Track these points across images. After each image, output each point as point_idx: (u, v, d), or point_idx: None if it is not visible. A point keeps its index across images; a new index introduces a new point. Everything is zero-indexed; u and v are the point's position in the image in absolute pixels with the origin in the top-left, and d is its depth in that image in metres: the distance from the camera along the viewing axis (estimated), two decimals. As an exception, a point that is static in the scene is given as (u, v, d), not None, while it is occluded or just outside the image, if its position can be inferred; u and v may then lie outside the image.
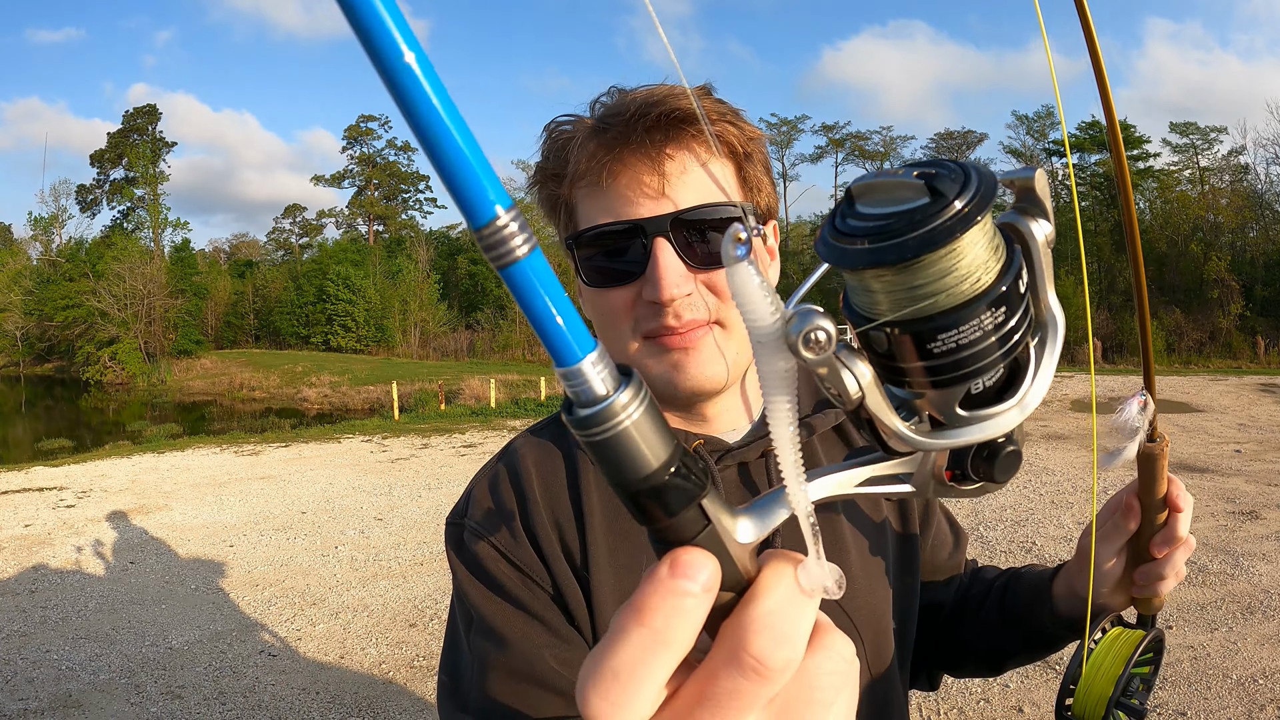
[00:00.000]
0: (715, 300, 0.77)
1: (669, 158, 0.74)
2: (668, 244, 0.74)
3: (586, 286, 0.81)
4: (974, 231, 0.30)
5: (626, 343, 0.80)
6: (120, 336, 39.42)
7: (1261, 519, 6.77)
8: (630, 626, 0.27)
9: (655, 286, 0.74)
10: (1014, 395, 0.34)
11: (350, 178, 57.42)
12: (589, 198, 0.78)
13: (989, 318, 0.31)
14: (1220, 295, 32.77)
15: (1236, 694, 3.85)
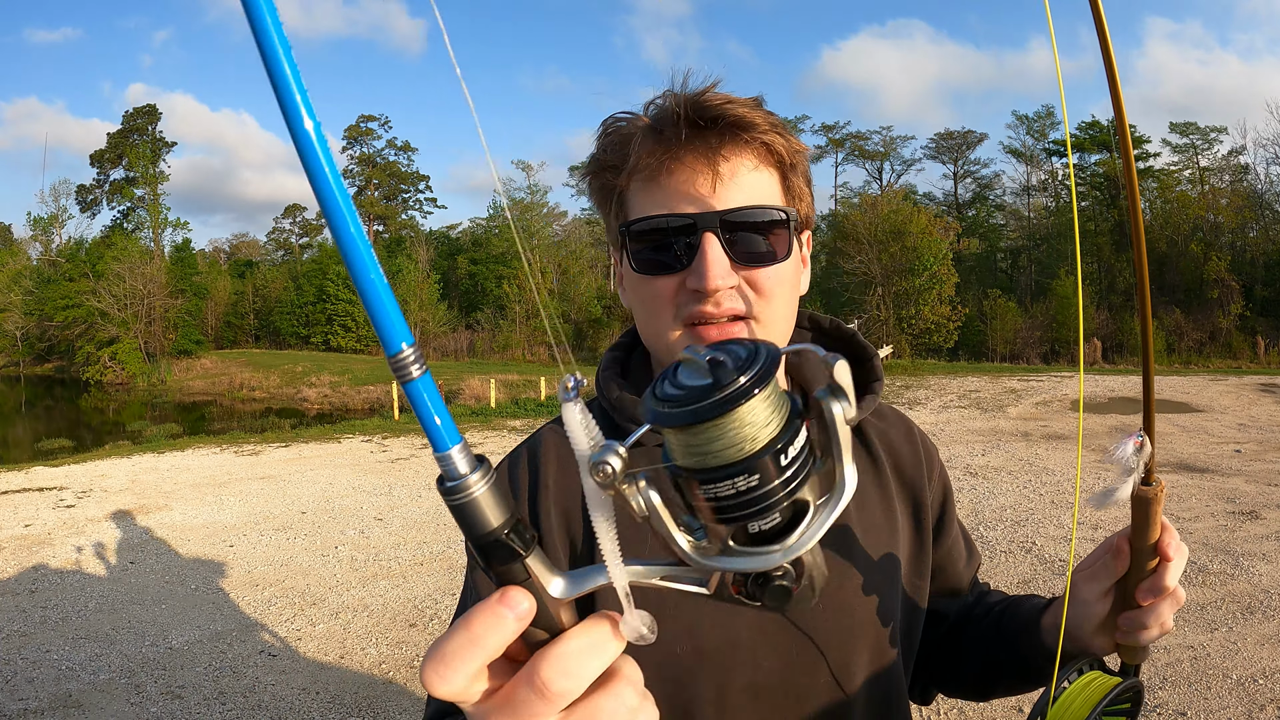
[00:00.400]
0: (754, 295, 0.82)
1: (723, 160, 0.80)
2: (715, 239, 0.80)
3: (634, 273, 0.85)
4: (744, 409, 0.38)
5: (668, 330, 0.84)
6: (120, 336, 39.40)
7: (1261, 519, 6.77)
8: (460, 627, 0.40)
9: (701, 276, 0.79)
10: (783, 540, 0.41)
11: (350, 178, 57.44)
12: (644, 191, 0.83)
13: (760, 475, 0.39)
14: (1220, 295, 32.77)
15: (1236, 694, 3.85)
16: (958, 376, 22.43)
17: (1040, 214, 45.67)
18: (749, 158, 0.81)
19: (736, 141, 0.80)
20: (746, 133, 0.80)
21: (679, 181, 0.80)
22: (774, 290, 0.83)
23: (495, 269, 44.85)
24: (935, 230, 31.25)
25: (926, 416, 14.06)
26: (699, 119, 0.79)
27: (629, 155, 0.83)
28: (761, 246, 0.82)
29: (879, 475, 0.95)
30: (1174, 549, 0.80)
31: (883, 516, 0.93)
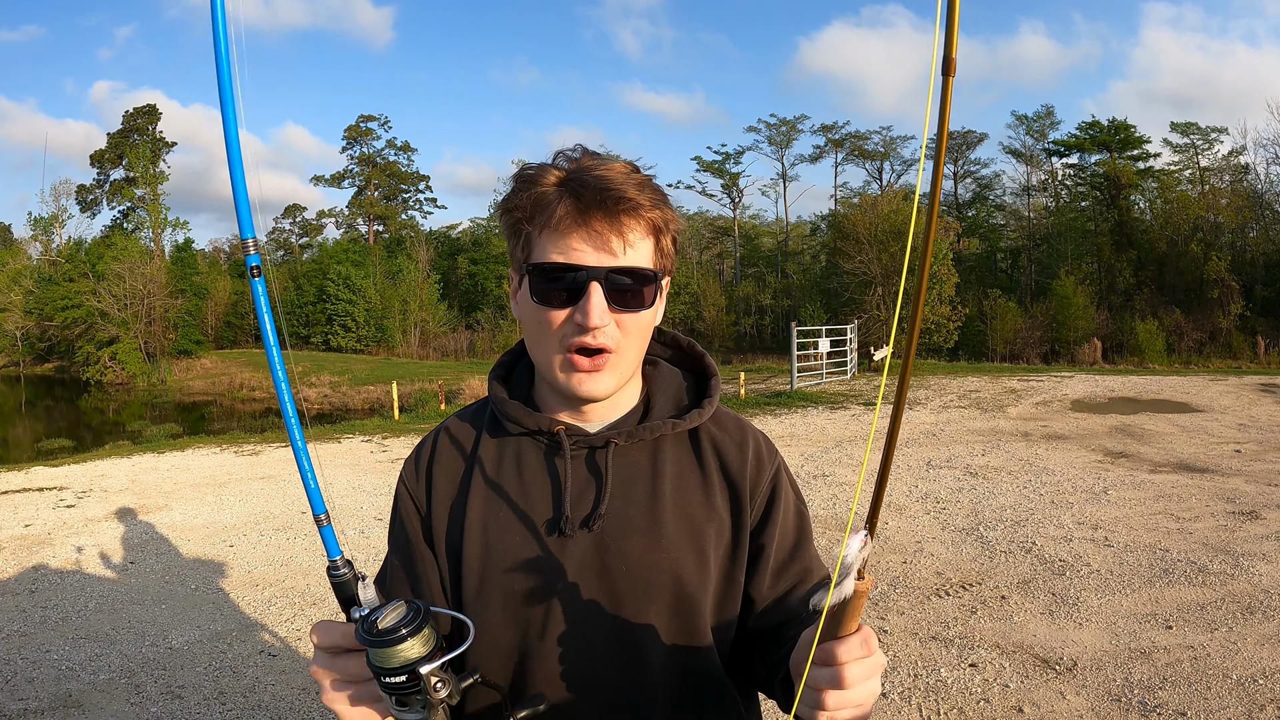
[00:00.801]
0: (619, 334, 1.06)
1: (617, 230, 1.03)
2: (599, 287, 1.03)
3: (532, 302, 1.07)
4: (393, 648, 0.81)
5: (552, 353, 1.08)
6: (120, 336, 39.40)
7: (1261, 519, 6.77)
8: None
9: (585, 315, 1.03)
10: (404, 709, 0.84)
11: (350, 178, 57.43)
12: (550, 239, 1.05)
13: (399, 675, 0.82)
14: (1220, 295, 32.78)
15: (1236, 694, 3.85)
16: (958, 376, 22.42)
17: (1040, 214, 45.67)
18: (636, 229, 1.04)
19: (630, 215, 1.03)
20: (637, 211, 1.03)
21: (581, 238, 1.03)
22: (634, 331, 1.07)
23: (495, 269, 44.82)
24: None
25: (926, 416, 14.06)
26: (606, 197, 1.02)
27: (542, 208, 1.04)
28: (633, 296, 1.05)
29: (702, 467, 1.15)
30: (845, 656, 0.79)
31: (701, 507, 1.12)
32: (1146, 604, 5.04)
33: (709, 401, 1.18)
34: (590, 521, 1.08)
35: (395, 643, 0.78)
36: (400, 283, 44.90)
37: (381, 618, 0.80)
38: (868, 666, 0.81)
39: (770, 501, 1.16)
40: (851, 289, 33.43)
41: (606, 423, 1.16)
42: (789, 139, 52.47)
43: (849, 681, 0.80)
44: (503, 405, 1.18)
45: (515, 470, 1.15)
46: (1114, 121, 41.71)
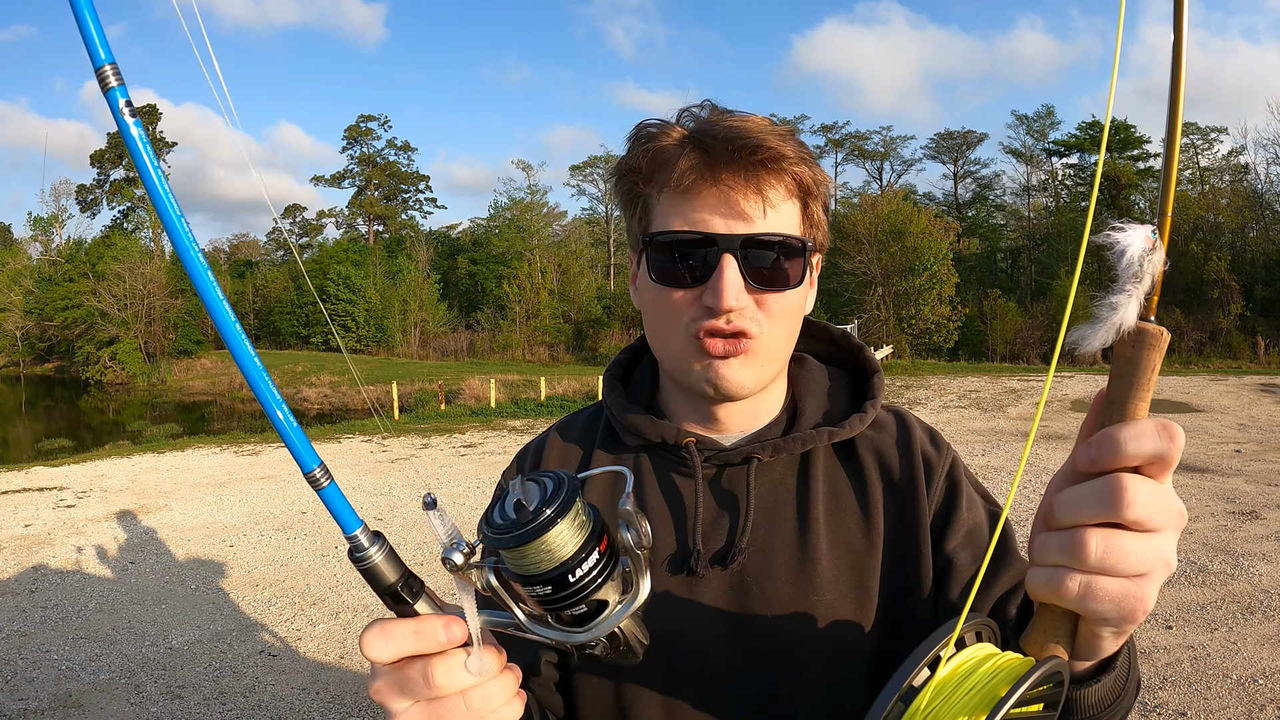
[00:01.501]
0: (763, 317, 0.87)
1: (755, 187, 0.84)
2: (734, 261, 0.84)
3: (651, 282, 0.88)
4: (545, 537, 0.52)
5: (677, 340, 0.88)
6: (120, 336, 39.40)
7: (1261, 519, 6.77)
8: (411, 623, 0.55)
9: (717, 295, 0.83)
10: (588, 625, 0.56)
11: (350, 178, 57.45)
12: (672, 202, 0.86)
13: (553, 586, 0.54)
14: (1220, 295, 32.77)
15: (1236, 694, 3.85)
16: (958, 376, 22.43)
17: (1040, 214, 45.66)
18: (778, 187, 0.85)
19: (770, 171, 0.84)
20: (779, 163, 0.84)
21: (709, 200, 0.84)
22: (780, 315, 0.88)
23: (495, 269, 44.84)
24: (935, 230, 31.26)
25: (926, 416, 14.06)
26: (741, 146, 0.83)
27: (662, 165, 0.86)
28: (776, 272, 0.86)
29: (864, 490, 0.94)
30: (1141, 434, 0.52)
31: (861, 533, 0.91)
32: (1146, 604, 5.05)
33: (871, 404, 0.98)
34: (728, 558, 0.88)
35: (541, 531, 0.52)
36: (400, 283, 44.90)
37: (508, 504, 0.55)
38: (1160, 497, 0.53)
39: (949, 502, 0.93)
40: (851, 289, 33.43)
41: (746, 434, 0.96)
42: (789, 139, 52.52)
43: (1130, 504, 0.51)
44: (619, 412, 0.98)
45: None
46: (1114, 122, 41.67)
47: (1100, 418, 0.56)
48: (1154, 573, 0.53)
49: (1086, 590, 0.53)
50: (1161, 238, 0.53)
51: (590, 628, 0.56)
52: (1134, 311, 0.53)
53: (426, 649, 0.55)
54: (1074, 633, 0.57)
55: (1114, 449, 0.52)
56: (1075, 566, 0.53)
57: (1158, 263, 0.52)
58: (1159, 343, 0.53)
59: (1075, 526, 0.53)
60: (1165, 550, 0.53)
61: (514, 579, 0.55)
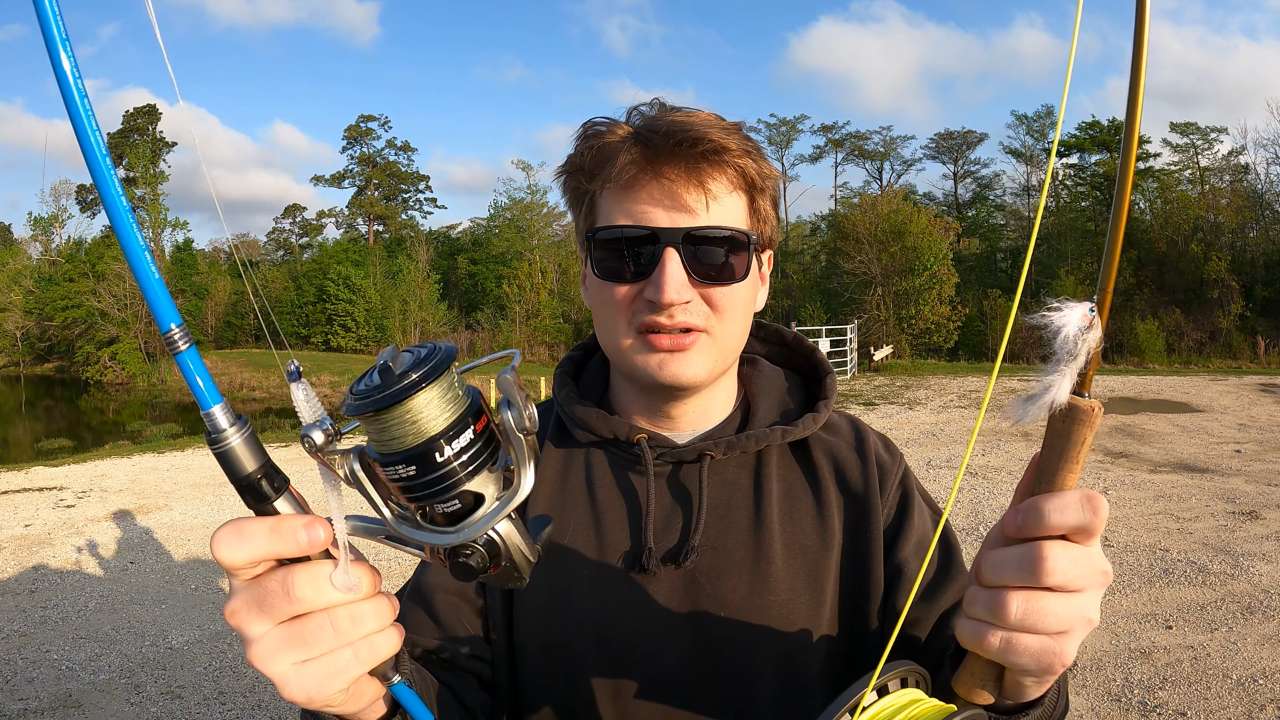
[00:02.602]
0: (708, 311, 0.86)
1: (697, 180, 0.83)
2: (676, 255, 0.82)
3: (595, 278, 0.88)
4: (408, 404, 0.45)
5: (620, 336, 0.87)
6: (120, 336, 39.40)
7: (1261, 519, 6.77)
8: (267, 523, 0.48)
9: (658, 289, 0.82)
10: (458, 526, 0.49)
11: (350, 178, 57.45)
12: (615, 199, 0.85)
13: (418, 465, 0.46)
14: (1220, 295, 32.77)
15: (1236, 694, 3.85)
16: (958, 376, 22.43)
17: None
18: (721, 180, 0.84)
19: (712, 163, 0.83)
20: (721, 155, 0.83)
21: (651, 194, 0.83)
22: (729, 308, 0.86)
23: (495, 269, 44.85)
24: (935, 230, 31.25)
25: (926, 416, 14.05)
26: (682, 139, 0.82)
27: (605, 161, 0.85)
28: (720, 266, 0.84)
29: (819, 491, 0.93)
30: (1065, 506, 0.55)
31: (816, 534, 0.90)
32: (1146, 604, 5.04)
33: (824, 404, 0.97)
34: (680, 556, 0.86)
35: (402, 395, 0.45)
36: (400, 283, 44.90)
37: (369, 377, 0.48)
38: (1081, 561, 0.54)
39: (902, 510, 0.94)
40: (851, 289, 33.42)
41: (698, 432, 0.94)
42: (789, 139, 52.45)
43: (1050, 571, 0.53)
44: (570, 406, 0.96)
45: (584, 489, 0.93)
46: (1114, 121, 41.71)
47: (1030, 485, 0.59)
48: (1074, 630, 0.56)
49: (1007, 646, 0.56)
50: (1100, 314, 0.54)
51: (463, 527, 0.49)
52: (1067, 388, 0.55)
53: (285, 551, 0.48)
54: (1000, 677, 0.62)
55: (1038, 519, 0.55)
56: (997, 624, 0.56)
57: (1094, 340, 0.54)
58: (1089, 419, 0.55)
59: (1000, 587, 0.56)
60: (1086, 609, 0.56)
61: (377, 461, 0.48)
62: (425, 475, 0.47)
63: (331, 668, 0.50)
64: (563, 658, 0.88)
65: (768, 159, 0.89)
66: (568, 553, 0.89)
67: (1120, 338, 32.82)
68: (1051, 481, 0.57)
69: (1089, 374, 0.55)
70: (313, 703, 0.51)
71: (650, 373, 0.86)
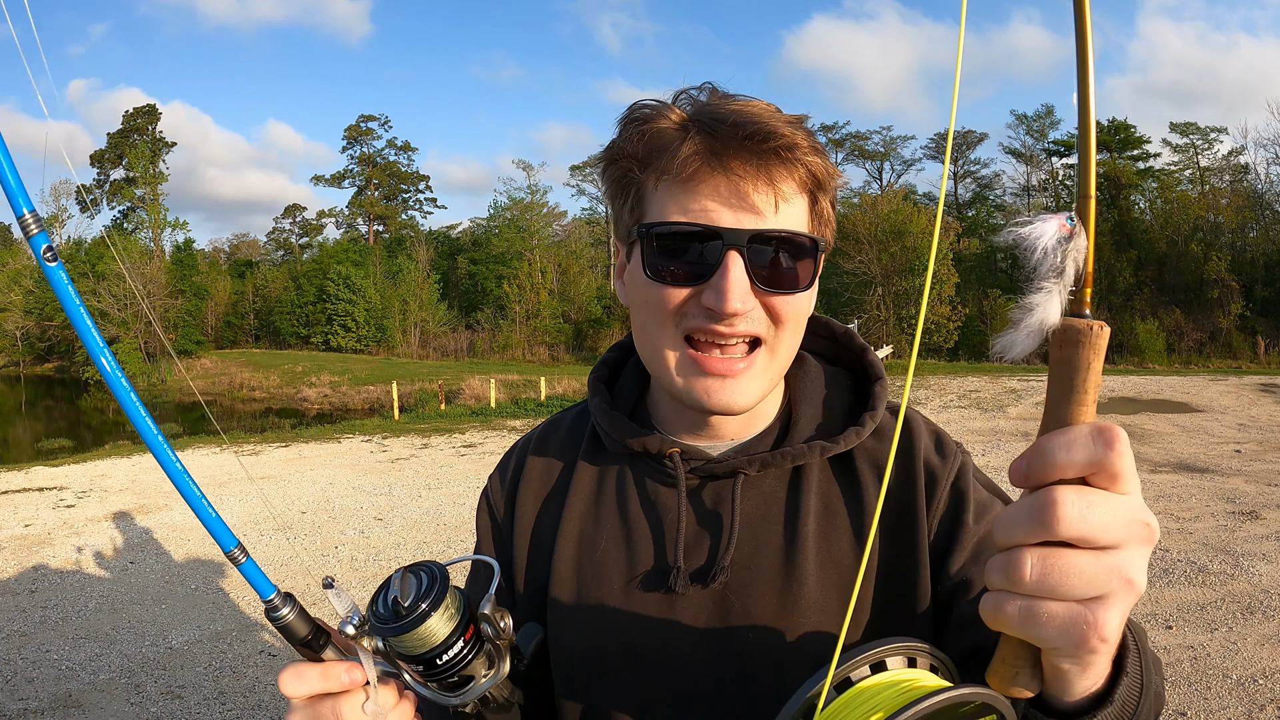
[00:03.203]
0: (768, 322, 0.80)
1: (766, 179, 0.76)
2: (740, 259, 0.76)
3: (644, 277, 0.80)
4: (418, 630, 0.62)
5: (665, 345, 0.81)
6: (120, 336, 39.42)
7: (1261, 519, 6.77)
8: (319, 668, 0.66)
9: (720, 296, 0.75)
10: (458, 693, 0.68)
11: (350, 178, 57.46)
12: (671, 192, 0.78)
13: (423, 667, 0.65)
14: (1220, 295, 32.77)
15: (1236, 694, 3.85)
16: (958, 376, 22.42)
17: (1041, 214, 45.65)
18: (790, 180, 0.78)
19: (783, 161, 0.76)
20: (793, 153, 0.76)
21: (715, 191, 0.76)
22: (790, 319, 0.81)
23: (495, 269, 44.84)
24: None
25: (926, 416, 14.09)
26: (753, 133, 0.75)
27: (660, 150, 0.78)
28: (786, 274, 0.78)
29: (860, 508, 0.86)
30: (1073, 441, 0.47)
31: (853, 554, 0.85)
32: (1146, 604, 5.04)
33: (870, 416, 0.89)
34: (710, 575, 0.83)
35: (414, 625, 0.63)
36: (400, 283, 44.91)
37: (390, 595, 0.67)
38: (1104, 507, 0.47)
39: (953, 517, 0.85)
40: (851, 289, 33.42)
41: (736, 442, 0.89)
42: (789, 139, 52.51)
43: (1062, 518, 0.46)
44: (602, 418, 0.93)
45: (615, 503, 0.90)
46: (1114, 121, 41.74)
47: (1041, 425, 0.51)
48: (1111, 595, 0.47)
49: (1028, 615, 0.48)
50: (1083, 222, 0.48)
51: (461, 693, 0.68)
52: (1056, 308, 0.48)
53: (332, 688, 0.65)
54: (1037, 662, 0.53)
55: (1043, 461, 0.48)
56: (1013, 590, 0.48)
57: (1081, 250, 0.47)
58: (1091, 339, 0.47)
59: (1014, 547, 0.48)
60: (1124, 568, 0.47)
61: (395, 655, 0.66)
62: (430, 670, 0.66)
63: None
64: (593, 674, 0.87)
65: (829, 158, 0.82)
66: (599, 569, 0.88)
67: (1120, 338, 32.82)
68: (1060, 418, 0.49)
69: (1085, 290, 0.48)
70: None
71: (697, 399, 0.81)
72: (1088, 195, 0.48)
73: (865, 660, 0.59)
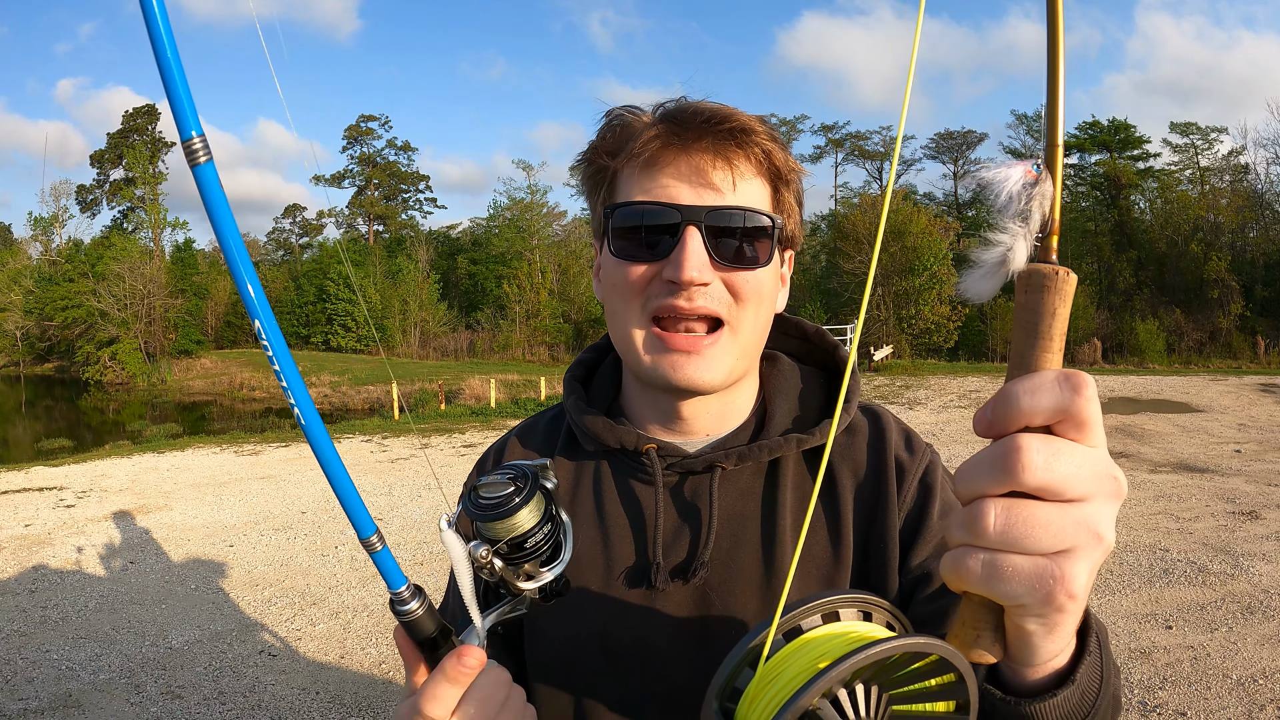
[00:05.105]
0: (729, 300, 0.82)
1: (723, 159, 0.80)
2: (698, 233, 0.79)
3: (611, 258, 0.84)
4: (523, 511, 0.66)
5: (632, 324, 0.84)
6: (120, 336, 39.41)
7: (1261, 519, 6.77)
8: (439, 673, 0.62)
9: (677, 267, 0.78)
10: (556, 562, 0.70)
11: (350, 178, 57.47)
12: (636, 176, 0.83)
13: (540, 536, 0.68)
14: (1220, 295, 32.76)
15: (1236, 694, 3.85)
16: (958, 376, 22.42)
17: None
18: (747, 163, 0.82)
19: (739, 142, 0.81)
20: (748, 136, 0.81)
21: (675, 171, 0.81)
22: (750, 296, 0.82)
23: (495, 269, 44.84)
24: (935, 230, 31.26)
25: (926, 416, 14.05)
26: (709, 117, 0.80)
27: (627, 139, 0.83)
28: (744, 250, 0.81)
29: (836, 502, 0.88)
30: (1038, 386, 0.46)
31: (830, 548, 0.86)
32: (1146, 604, 5.04)
33: (844, 409, 0.90)
34: (689, 572, 0.84)
35: (514, 511, 0.66)
36: (400, 283, 44.92)
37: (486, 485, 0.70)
38: (1071, 456, 0.45)
39: (920, 510, 0.87)
40: (851, 289, 33.42)
41: (712, 438, 0.91)
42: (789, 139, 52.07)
43: (1027, 466, 0.44)
44: (578, 415, 0.94)
45: (592, 500, 0.91)
46: (1114, 121, 41.74)
47: (1007, 376, 0.49)
48: (1078, 549, 0.45)
49: (991, 570, 0.46)
50: (1050, 169, 0.47)
51: (558, 562, 0.70)
52: (1023, 252, 0.47)
53: (465, 685, 0.63)
54: (1000, 625, 0.50)
55: (1008, 406, 0.46)
56: (976, 543, 0.46)
57: (1047, 195, 0.47)
58: (1056, 283, 0.47)
59: (977, 499, 0.46)
60: (1092, 521, 0.45)
61: (502, 544, 0.68)
62: (529, 548, 0.68)
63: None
64: (572, 674, 0.87)
65: (792, 155, 0.87)
66: (576, 568, 0.88)
67: (1120, 338, 32.82)
68: (1024, 364, 0.48)
69: (1051, 237, 0.48)
70: None
71: (664, 375, 0.83)
72: (1055, 144, 0.47)
73: (817, 609, 0.56)
